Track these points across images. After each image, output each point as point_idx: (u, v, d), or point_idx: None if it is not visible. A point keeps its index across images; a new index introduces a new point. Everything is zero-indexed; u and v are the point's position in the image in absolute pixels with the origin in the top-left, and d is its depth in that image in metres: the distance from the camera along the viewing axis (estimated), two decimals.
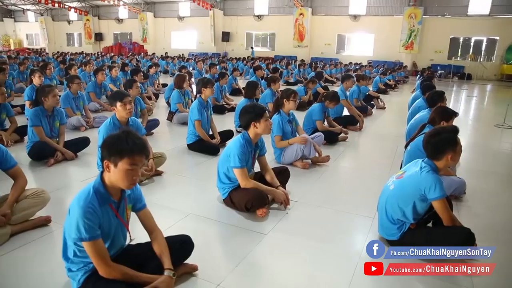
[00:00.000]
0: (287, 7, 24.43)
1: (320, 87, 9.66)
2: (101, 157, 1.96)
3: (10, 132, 5.32)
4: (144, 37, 29.73)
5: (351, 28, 23.74)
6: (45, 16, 33.99)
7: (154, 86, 10.66)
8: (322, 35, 24.28)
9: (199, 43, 28.57)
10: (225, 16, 27.24)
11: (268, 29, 26.50)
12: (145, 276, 2.03)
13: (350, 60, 21.53)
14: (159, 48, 28.77)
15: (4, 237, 2.71)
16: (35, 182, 3.90)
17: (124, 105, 3.72)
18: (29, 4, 32.47)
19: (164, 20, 29.65)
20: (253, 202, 3.14)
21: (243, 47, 27.17)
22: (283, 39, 25.27)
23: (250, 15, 26.43)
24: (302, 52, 24.33)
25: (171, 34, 29.83)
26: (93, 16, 32.25)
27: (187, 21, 28.89)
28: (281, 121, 4.47)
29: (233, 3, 26.90)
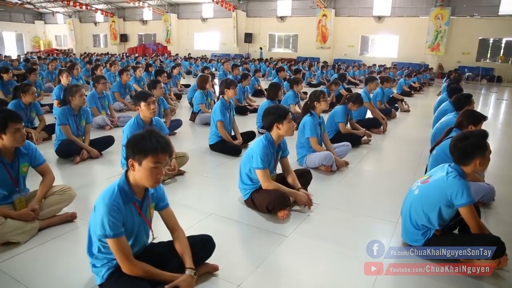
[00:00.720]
0: (310, 8, 24.28)
1: (343, 89, 9.56)
2: (126, 156, 1.99)
3: (39, 130, 5.48)
4: (167, 38, 30.11)
5: (375, 29, 23.37)
6: (73, 18, 34.93)
7: (177, 86, 10.79)
8: (345, 36, 24.01)
9: (222, 44, 28.72)
10: (248, 17, 27.30)
11: (290, 31, 26.41)
12: (167, 274, 2.05)
13: (373, 62, 21.23)
14: (182, 49, 29.10)
15: (33, 231, 2.80)
16: (62, 179, 4.01)
17: (148, 105, 3.78)
18: (59, 7, 33.42)
19: (187, 22, 29.97)
20: (274, 203, 3.12)
21: (265, 48, 27.17)
22: (306, 41, 25.13)
23: (273, 16, 26.41)
24: (325, 53, 24.12)
25: (194, 35, 30.10)
26: (118, 17, 32.90)
27: (210, 23, 29.12)
28: (313, 122, 4.41)
29: (256, 4, 26.94)
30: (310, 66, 15.74)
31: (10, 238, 2.63)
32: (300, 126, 4.48)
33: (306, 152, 4.50)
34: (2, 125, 2.66)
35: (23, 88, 5.40)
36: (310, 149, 4.48)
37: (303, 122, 4.44)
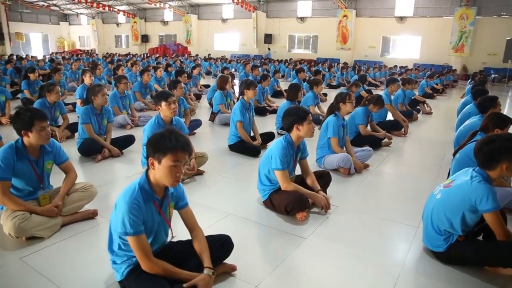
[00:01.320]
0: (330, 9, 24.11)
1: (364, 90, 9.44)
2: (146, 155, 2.02)
3: (63, 128, 5.62)
4: (188, 39, 30.39)
5: (396, 30, 23.00)
6: (96, 19, 35.68)
7: (197, 87, 10.88)
8: (366, 37, 23.72)
9: (242, 45, 28.80)
10: (268, 18, 27.30)
11: (310, 31, 26.27)
12: (185, 273, 2.07)
13: (395, 63, 20.91)
14: (202, 50, 29.34)
15: (56, 227, 2.87)
16: (84, 176, 4.09)
17: (168, 104, 3.82)
18: (82, 8, 34.22)
19: (207, 22, 30.18)
20: (293, 205, 3.11)
21: (285, 49, 27.12)
22: (326, 42, 24.94)
23: (293, 17, 26.32)
24: (345, 54, 23.90)
25: (214, 36, 30.29)
26: (140, 18, 33.41)
27: (230, 23, 29.25)
28: (337, 122, 4.38)
29: (276, 5, 26.92)
30: (330, 67, 15.62)
31: (34, 233, 2.71)
32: (323, 125, 4.46)
33: (326, 153, 4.47)
34: (29, 123, 2.74)
35: (48, 88, 5.55)
36: (329, 150, 4.45)
37: (327, 122, 4.42)
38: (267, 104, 8.56)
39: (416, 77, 15.24)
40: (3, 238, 2.74)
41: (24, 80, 8.49)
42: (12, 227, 2.61)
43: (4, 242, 2.71)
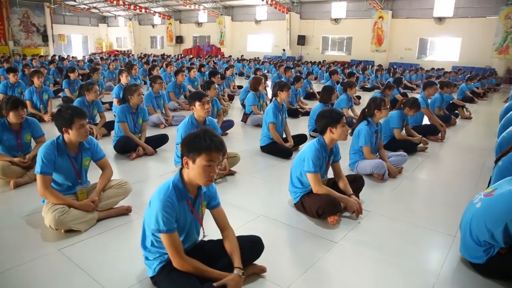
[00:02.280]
0: (365, 10, 23.70)
1: (399, 93, 9.21)
2: (181, 154, 2.04)
3: (100, 126, 5.80)
4: (221, 40, 30.73)
5: (435, 31, 22.25)
6: (133, 21, 36.76)
7: (230, 87, 10.96)
8: (402, 39, 23.11)
9: (275, 46, 28.81)
10: (301, 20, 27.18)
11: (345, 33, 25.93)
12: (215, 272, 2.08)
13: (432, 66, 20.28)
14: (235, 51, 29.57)
15: (92, 221, 2.96)
16: (119, 173, 4.21)
17: (202, 104, 3.86)
18: (120, 10, 35.36)
19: (241, 24, 30.41)
20: (325, 208, 3.07)
21: (318, 51, 26.91)
22: (360, 43, 24.54)
23: (327, 18, 26.09)
24: (380, 56, 23.42)
25: (247, 37, 30.48)
26: (175, 20, 34.11)
27: (263, 25, 29.34)
28: (369, 131, 4.27)
29: (310, 6, 26.76)
30: (364, 70, 15.35)
31: (72, 226, 2.81)
32: (355, 132, 4.36)
33: (359, 158, 4.38)
34: (69, 121, 2.84)
35: (87, 87, 5.76)
36: (362, 155, 4.35)
37: (359, 130, 4.31)
38: (299, 106, 8.51)
39: (455, 80, 14.72)
40: (44, 230, 2.86)
41: (65, 80, 8.86)
42: (52, 220, 2.73)
43: (45, 233, 2.84)
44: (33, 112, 6.62)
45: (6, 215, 3.19)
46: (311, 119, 5.99)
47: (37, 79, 6.84)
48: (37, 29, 32.44)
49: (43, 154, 2.83)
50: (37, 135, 4.09)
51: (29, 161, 3.89)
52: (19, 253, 2.58)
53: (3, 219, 3.11)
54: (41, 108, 6.93)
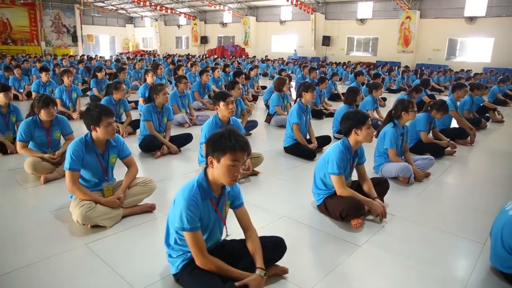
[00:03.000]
0: (392, 10, 23.24)
1: (426, 95, 8.99)
2: (206, 153, 2.06)
3: (126, 125, 5.92)
4: (246, 40, 30.82)
5: (465, 31, 21.51)
6: (159, 21, 37.35)
7: (254, 88, 10.98)
8: (430, 39, 22.51)
9: (299, 47, 28.65)
10: (326, 20, 26.95)
11: (370, 34, 25.53)
12: (237, 271, 2.08)
13: (461, 67, 19.64)
14: (259, 51, 29.60)
15: (117, 218, 3.02)
16: (143, 171, 4.28)
17: (227, 104, 3.88)
18: (147, 11, 36.02)
19: (266, 24, 30.41)
20: (348, 211, 3.02)
21: (343, 51, 26.61)
22: (386, 44, 24.08)
23: (352, 19, 25.77)
24: (406, 58, 22.90)
25: (272, 38, 30.46)
26: (200, 20, 34.44)
27: (288, 25, 29.25)
28: (395, 133, 4.19)
29: (335, 6, 26.50)
30: (390, 71, 15.05)
31: (98, 221, 2.87)
32: (381, 134, 4.28)
33: (384, 161, 4.30)
34: (97, 119, 2.91)
35: (114, 86, 5.89)
36: (388, 158, 4.27)
37: (384, 132, 4.23)
38: (324, 107, 8.44)
39: (487, 82, 14.24)
40: (71, 225, 2.94)
41: (93, 79, 9.10)
42: (79, 215, 2.80)
43: (72, 228, 2.92)
44: (62, 110, 6.82)
45: (37, 209, 3.31)
46: (336, 121, 5.93)
47: (67, 78, 7.04)
48: (68, 30, 33.52)
49: (72, 151, 2.90)
50: (66, 132, 4.21)
51: (58, 157, 4.02)
52: (48, 246, 2.66)
53: (34, 213, 3.22)
54: (70, 106, 7.13)
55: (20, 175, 4.03)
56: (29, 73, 11.83)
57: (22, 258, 2.50)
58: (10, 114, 4.94)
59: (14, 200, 3.51)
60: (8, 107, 4.92)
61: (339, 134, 5.78)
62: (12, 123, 4.96)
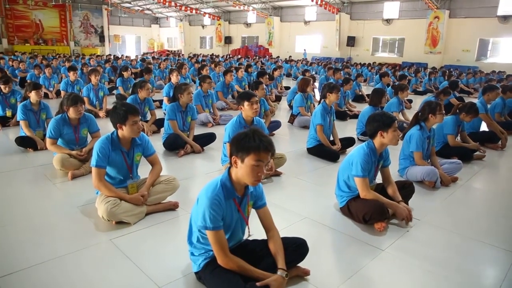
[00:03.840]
0: (420, 10, 22.71)
1: (454, 98, 8.76)
2: (229, 153, 2.06)
3: (150, 123, 6.01)
4: (269, 41, 30.82)
5: (498, 31, 20.64)
6: (183, 21, 37.82)
7: (278, 88, 10.96)
8: (460, 40, 21.83)
9: (323, 47, 28.46)
10: (351, 20, 26.63)
11: (397, 34, 25.07)
12: (259, 271, 2.08)
13: (492, 69, 18.97)
14: (283, 52, 29.53)
15: (141, 215, 3.07)
16: (167, 170, 4.33)
17: (251, 104, 3.87)
18: (172, 11, 36.53)
19: (290, 24, 30.33)
20: (372, 214, 2.97)
21: (368, 52, 26.23)
22: (413, 45, 23.57)
23: (378, 19, 25.37)
24: (434, 58, 22.32)
25: (296, 38, 30.34)
26: (224, 20, 34.68)
27: (312, 25, 29.07)
28: (421, 136, 4.10)
29: (361, 6, 26.16)
30: (416, 72, 14.71)
31: (122, 218, 2.92)
32: (406, 137, 4.19)
33: (409, 164, 4.21)
34: (123, 118, 2.96)
35: (140, 85, 5.99)
36: (413, 161, 4.18)
37: (410, 134, 4.14)
38: (348, 108, 8.34)
39: None
40: (97, 220, 3.01)
41: (119, 78, 9.28)
42: (104, 211, 2.86)
43: (98, 223, 2.99)
44: (89, 108, 6.98)
45: (64, 204, 3.40)
46: (360, 122, 5.85)
47: (94, 77, 7.22)
48: (95, 30, 34.43)
49: (99, 149, 2.97)
50: (93, 130, 4.31)
51: (85, 154, 4.12)
52: (75, 240, 2.74)
53: (62, 208, 3.31)
54: (96, 104, 7.30)
55: (49, 171, 4.16)
56: (58, 72, 12.18)
57: (49, 251, 2.58)
58: (40, 111, 5.12)
59: (43, 194, 3.63)
60: (39, 105, 5.10)
61: (364, 136, 5.70)
62: (43, 120, 5.13)
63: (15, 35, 29.70)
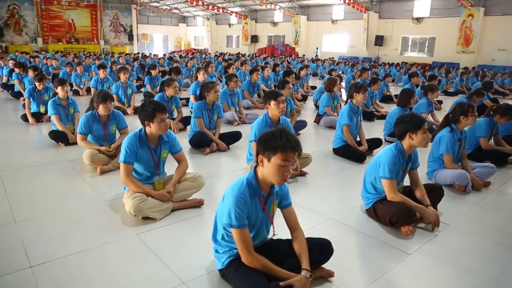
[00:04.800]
0: (452, 8, 21.91)
1: (488, 99, 8.45)
2: (256, 152, 2.06)
3: (177, 121, 6.09)
4: (296, 40, 30.65)
5: None
6: (210, 20, 38.14)
7: (304, 88, 10.89)
8: (495, 38, 20.81)
9: (350, 46, 28.04)
10: (380, 19, 26.11)
11: (427, 33, 24.37)
12: (282, 271, 2.07)
13: None
14: (310, 51, 29.31)
15: (167, 211, 3.11)
16: (192, 167, 4.38)
17: (278, 104, 3.86)
18: (199, 10, 36.90)
19: (316, 23, 30.05)
20: (399, 217, 2.91)
21: (397, 52, 25.66)
22: (444, 44, 22.81)
23: (408, 17, 24.75)
24: (466, 58, 21.49)
25: (323, 37, 30.04)
26: (250, 19, 34.71)
27: (339, 24, 28.69)
28: (452, 138, 3.97)
29: (390, 5, 25.60)
30: (447, 72, 14.27)
31: (149, 213, 2.98)
32: (436, 139, 4.07)
33: (438, 167, 4.09)
34: (151, 115, 3.01)
35: (167, 83, 6.07)
36: (442, 164, 4.06)
37: (440, 136, 4.02)
38: (375, 109, 8.19)
39: None
40: (124, 215, 3.08)
41: (147, 76, 9.45)
42: (132, 206, 2.92)
43: (125, 218, 3.06)
44: (118, 105, 7.14)
45: (93, 198, 3.50)
46: (387, 123, 5.74)
47: (123, 75, 7.38)
48: (124, 29, 35.24)
49: (127, 145, 3.03)
50: (122, 126, 4.41)
51: (113, 150, 4.22)
52: (102, 234, 2.81)
53: (91, 202, 3.41)
54: (124, 102, 7.46)
55: (79, 166, 4.28)
56: (89, 70, 12.52)
57: (80, 242, 2.66)
58: (69, 106, 5.33)
59: (72, 188, 3.74)
60: (66, 100, 5.30)
61: (391, 137, 5.58)
62: (71, 115, 5.34)
63: (49, 34, 30.86)
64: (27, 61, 13.72)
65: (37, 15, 29.97)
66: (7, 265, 2.38)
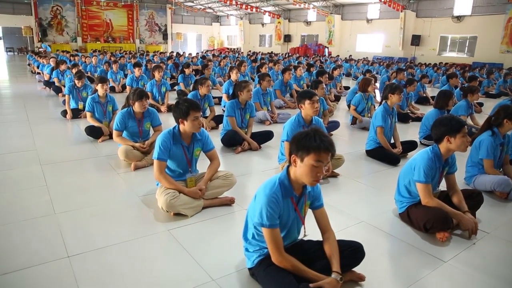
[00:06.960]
0: (498, 4, 20.73)
1: None
2: (289, 152, 2.05)
3: (209, 119, 6.16)
4: (329, 39, 30.28)
5: None
6: (243, 20, 38.35)
7: (337, 88, 10.75)
8: None
9: (385, 46, 27.39)
10: (417, 18, 25.35)
11: (468, 32, 23.37)
12: (313, 273, 2.05)
13: None
14: (343, 51, 28.86)
15: (198, 208, 3.16)
16: (224, 165, 4.39)
17: (312, 103, 3.82)
18: (233, 10, 37.17)
19: (351, 23, 29.57)
20: (434, 222, 2.81)
21: (434, 52, 24.81)
22: (487, 44, 21.75)
23: (447, 16, 23.86)
24: (511, 58, 20.49)
25: (357, 37, 29.52)
26: (284, 19, 34.61)
27: (375, 24, 28.10)
28: (493, 143, 3.81)
29: (428, 3, 24.78)
30: (489, 73, 13.63)
31: (180, 210, 3.03)
32: (475, 142, 3.90)
33: (477, 172, 3.92)
34: (185, 113, 3.06)
35: (201, 81, 6.15)
36: (482, 169, 3.89)
37: (480, 140, 3.85)
38: (410, 110, 7.97)
39: None
40: (156, 211, 3.15)
41: (180, 74, 9.60)
42: (164, 202, 2.97)
43: (157, 214, 3.12)
44: (152, 103, 7.31)
45: (127, 193, 3.60)
46: (423, 126, 5.56)
47: (158, 73, 7.54)
48: (159, 28, 36.11)
49: (161, 142, 3.09)
50: (156, 124, 4.50)
51: (147, 147, 4.32)
52: (135, 228, 2.89)
53: (125, 197, 3.51)
54: (158, 99, 7.62)
55: (114, 161, 4.42)
56: (124, 68, 12.89)
57: (113, 236, 2.75)
58: (107, 103, 5.48)
59: (107, 183, 3.86)
60: (105, 97, 5.45)
61: (427, 140, 5.41)
62: (109, 112, 5.50)
63: (88, 33, 32.14)
64: (67, 59, 14.28)
65: (78, 15, 31.29)
66: (46, 253, 2.49)
